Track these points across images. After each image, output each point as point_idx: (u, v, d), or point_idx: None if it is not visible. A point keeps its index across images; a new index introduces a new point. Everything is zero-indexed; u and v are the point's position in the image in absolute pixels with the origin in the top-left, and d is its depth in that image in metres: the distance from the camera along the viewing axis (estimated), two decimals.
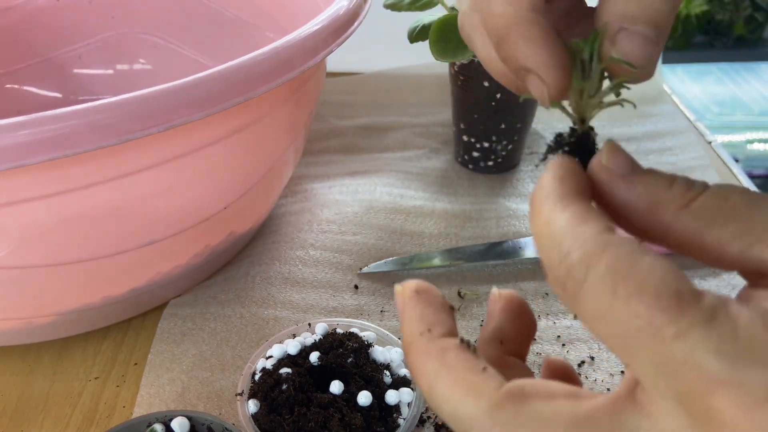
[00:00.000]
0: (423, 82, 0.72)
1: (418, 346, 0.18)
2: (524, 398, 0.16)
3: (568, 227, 0.16)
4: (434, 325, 0.19)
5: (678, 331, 0.14)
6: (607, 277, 0.15)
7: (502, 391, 0.17)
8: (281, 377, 0.34)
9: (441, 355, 0.18)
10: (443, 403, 0.17)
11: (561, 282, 0.16)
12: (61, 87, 0.62)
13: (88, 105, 0.27)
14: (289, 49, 0.34)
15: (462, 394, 0.17)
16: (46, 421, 0.37)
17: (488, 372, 0.17)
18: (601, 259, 0.15)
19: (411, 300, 0.20)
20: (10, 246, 0.32)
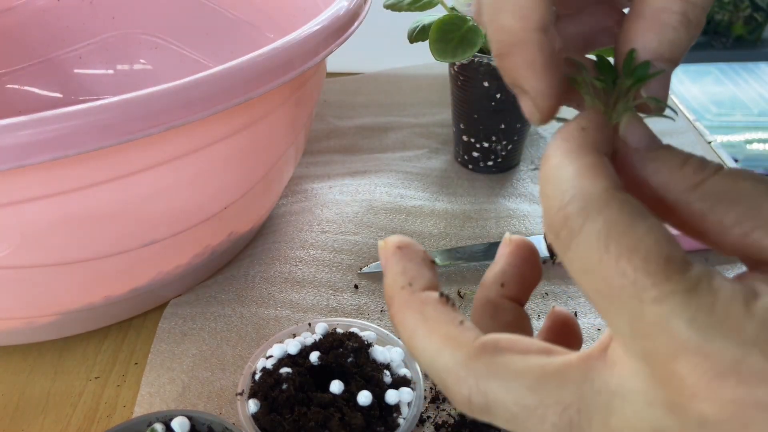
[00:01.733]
0: (423, 82, 0.72)
1: (399, 299, 0.19)
2: (498, 351, 0.17)
3: (576, 177, 0.16)
4: (415, 279, 0.19)
5: (658, 296, 0.15)
6: (602, 232, 0.15)
7: (477, 343, 0.17)
8: (281, 377, 0.34)
9: (421, 308, 0.18)
10: (422, 353, 0.18)
11: (555, 229, 0.17)
12: (62, 87, 0.63)
13: (89, 105, 0.27)
14: (289, 49, 0.34)
15: (439, 344, 0.18)
16: (46, 420, 0.37)
17: (465, 325, 0.18)
18: (600, 214, 0.16)
19: (393, 255, 0.20)
20: (12, 246, 0.32)
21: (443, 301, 0.19)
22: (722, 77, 0.71)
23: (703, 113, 0.65)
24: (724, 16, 0.78)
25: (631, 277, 0.15)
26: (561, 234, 0.16)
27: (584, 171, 0.16)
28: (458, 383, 0.17)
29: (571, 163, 0.17)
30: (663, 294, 0.15)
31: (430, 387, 0.38)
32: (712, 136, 0.60)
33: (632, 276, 0.15)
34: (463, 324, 0.18)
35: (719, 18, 0.78)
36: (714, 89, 0.69)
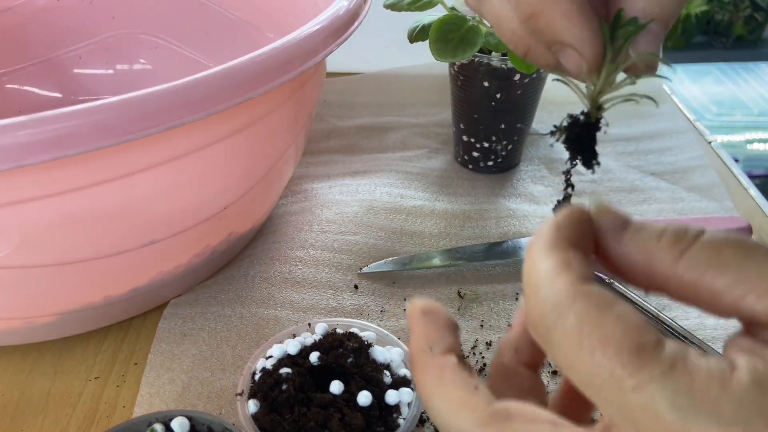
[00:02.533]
0: (423, 82, 0.72)
1: (420, 362, 0.20)
2: (508, 418, 0.18)
3: (548, 275, 0.17)
4: (436, 343, 0.20)
5: (637, 384, 0.15)
6: (575, 329, 0.16)
7: (489, 409, 0.18)
8: (281, 377, 0.34)
9: (439, 372, 0.19)
10: (438, 414, 0.19)
11: (535, 327, 0.18)
12: (62, 87, 0.63)
13: (89, 105, 0.27)
14: (289, 49, 0.34)
15: (454, 408, 0.18)
16: (46, 420, 0.37)
17: (479, 390, 0.19)
18: (570, 311, 0.16)
19: (418, 318, 0.21)
20: (11, 246, 0.32)
21: (461, 366, 0.20)
22: (722, 77, 0.71)
23: (703, 113, 0.65)
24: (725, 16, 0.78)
25: (608, 369, 0.16)
26: (540, 331, 0.17)
27: (555, 268, 0.17)
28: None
29: (543, 262, 0.18)
30: (641, 382, 0.15)
31: None
32: (712, 136, 0.60)
33: (609, 368, 0.16)
34: (477, 389, 0.19)
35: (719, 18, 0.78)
36: (714, 89, 0.69)
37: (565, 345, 0.17)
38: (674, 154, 0.60)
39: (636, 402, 0.15)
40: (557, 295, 0.17)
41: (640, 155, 0.60)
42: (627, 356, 0.15)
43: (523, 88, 0.51)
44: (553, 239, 0.18)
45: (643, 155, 0.60)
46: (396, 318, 0.43)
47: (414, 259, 0.47)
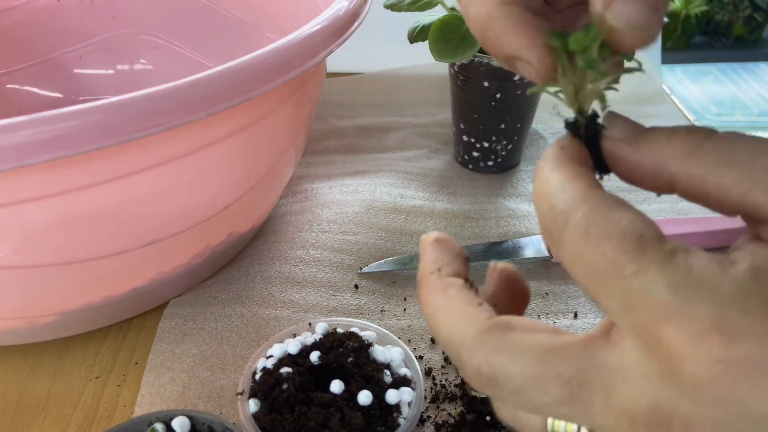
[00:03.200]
0: (423, 82, 0.72)
1: (427, 282, 0.21)
2: (509, 328, 0.19)
3: (560, 184, 0.18)
4: (444, 266, 0.21)
5: (637, 269, 0.16)
6: (582, 222, 0.17)
7: (491, 320, 0.19)
8: (282, 377, 0.34)
9: (444, 289, 0.20)
10: (441, 329, 0.20)
11: (549, 231, 0.18)
12: (62, 87, 0.63)
13: (89, 105, 0.27)
14: (289, 49, 0.34)
15: (457, 320, 0.19)
16: (46, 420, 0.37)
17: (483, 306, 0.20)
18: (580, 208, 0.17)
19: (429, 245, 0.22)
20: (12, 246, 0.32)
21: (467, 286, 0.21)
22: (722, 77, 0.71)
23: (703, 113, 0.65)
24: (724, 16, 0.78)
25: (611, 256, 0.16)
26: (553, 233, 0.18)
27: (566, 178, 0.18)
28: (470, 355, 0.19)
29: (555, 175, 0.18)
30: (641, 267, 0.16)
31: (431, 387, 0.38)
32: None
33: (612, 256, 0.16)
34: (481, 305, 0.20)
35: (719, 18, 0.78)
36: (714, 89, 0.69)
37: (573, 240, 0.17)
38: None
39: (634, 287, 0.16)
40: (569, 197, 0.18)
41: None
42: (630, 244, 0.16)
43: (523, 88, 0.51)
44: (562, 157, 0.19)
45: None
46: (396, 318, 0.43)
47: (414, 259, 0.47)
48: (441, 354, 0.40)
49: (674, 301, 0.15)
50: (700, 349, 0.15)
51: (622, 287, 0.16)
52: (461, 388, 0.38)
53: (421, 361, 0.40)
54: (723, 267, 0.16)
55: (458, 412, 0.36)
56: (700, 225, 0.47)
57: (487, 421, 0.35)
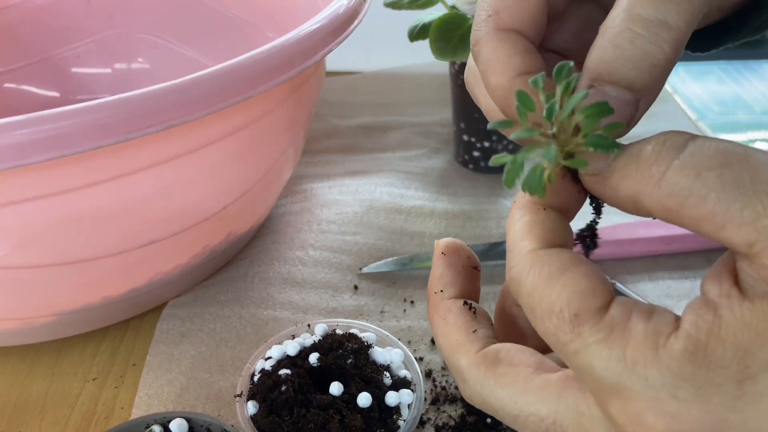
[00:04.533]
0: (423, 81, 0.72)
1: (432, 301, 0.22)
2: (495, 362, 0.20)
3: (515, 239, 0.19)
4: (447, 287, 0.22)
5: (576, 348, 0.17)
6: (529, 298, 0.18)
7: (480, 353, 0.20)
8: (280, 378, 0.33)
9: (445, 314, 0.22)
10: (441, 351, 0.22)
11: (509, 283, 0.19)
12: (60, 86, 0.62)
13: (87, 104, 0.27)
14: (288, 48, 0.33)
15: (452, 348, 0.21)
16: (44, 421, 0.37)
17: (477, 334, 0.21)
18: (527, 279, 0.18)
19: (437, 259, 0.23)
20: (9, 246, 0.32)
21: (465, 310, 0.22)
22: (725, 76, 0.71)
23: (705, 112, 0.65)
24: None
25: (554, 335, 0.17)
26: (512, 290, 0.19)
27: (520, 234, 0.19)
28: (463, 383, 0.20)
29: (515, 224, 0.19)
30: (579, 347, 0.17)
31: (431, 388, 0.38)
32: (714, 135, 0.60)
33: (554, 335, 0.17)
34: (475, 333, 0.21)
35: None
36: (716, 88, 0.69)
37: (526, 309, 0.18)
38: None
39: (579, 363, 0.17)
40: (518, 260, 0.18)
41: None
42: (567, 324, 0.17)
43: None
44: (523, 204, 0.19)
45: None
46: (396, 318, 0.43)
47: (414, 260, 0.47)
48: (441, 356, 0.40)
49: (612, 381, 0.16)
50: (639, 427, 0.16)
51: (570, 363, 0.17)
52: None
53: (421, 362, 0.40)
54: (657, 345, 0.16)
55: (459, 414, 0.36)
56: None
57: (487, 423, 0.35)
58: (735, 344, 0.15)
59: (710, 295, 0.16)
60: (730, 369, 0.15)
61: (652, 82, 0.18)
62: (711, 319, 0.16)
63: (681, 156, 0.16)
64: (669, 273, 0.45)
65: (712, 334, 0.15)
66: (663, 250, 0.46)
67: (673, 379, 0.15)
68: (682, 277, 0.45)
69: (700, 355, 0.15)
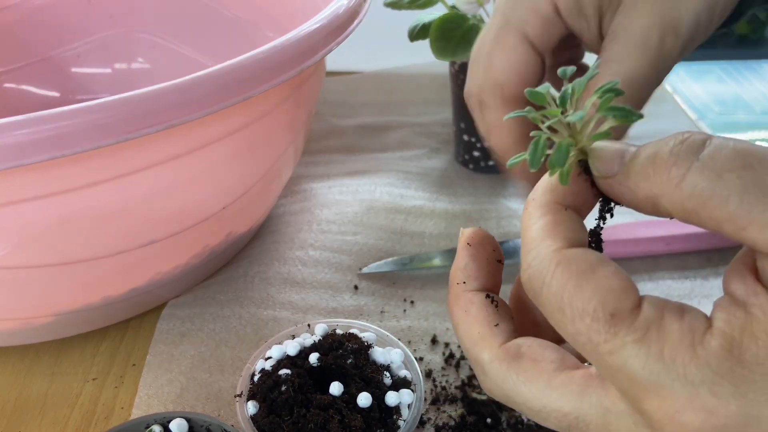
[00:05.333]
0: (423, 81, 0.72)
1: (453, 292, 0.22)
2: (517, 357, 0.20)
3: (536, 239, 0.19)
4: (470, 279, 0.22)
5: (612, 349, 0.17)
6: (556, 297, 0.18)
7: (502, 347, 0.20)
8: (280, 378, 0.33)
9: (467, 306, 0.22)
10: (461, 343, 0.22)
11: (525, 285, 0.19)
12: (60, 86, 0.62)
13: (87, 104, 0.27)
14: (288, 48, 0.33)
15: (473, 342, 0.21)
16: (44, 421, 0.37)
17: (499, 327, 0.21)
18: (553, 278, 0.18)
19: (462, 249, 0.23)
20: (9, 246, 0.32)
21: (487, 303, 0.21)
22: (725, 76, 0.71)
23: (705, 112, 0.65)
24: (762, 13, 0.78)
25: (586, 336, 0.17)
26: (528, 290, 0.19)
27: (542, 232, 0.19)
28: (484, 376, 0.20)
29: (534, 223, 0.19)
30: (615, 347, 0.17)
31: (431, 388, 0.38)
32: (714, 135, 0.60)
33: (586, 335, 0.17)
34: (498, 327, 0.21)
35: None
36: (716, 88, 0.69)
37: (551, 309, 0.18)
38: None
39: (613, 364, 0.17)
40: (541, 260, 0.18)
41: None
42: (603, 324, 0.17)
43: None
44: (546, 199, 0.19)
45: None
46: (396, 318, 0.43)
47: (414, 260, 0.46)
48: (441, 355, 0.40)
49: (650, 380, 0.16)
50: (677, 424, 0.16)
51: (601, 362, 0.17)
52: (462, 390, 0.38)
53: (421, 362, 0.40)
54: (694, 343, 0.16)
55: (459, 414, 0.36)
56: None
57: (487, 423, 0.35)
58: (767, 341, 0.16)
59: (737, 294, 0.17)
60: (765, 365, 0.15)
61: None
62: (743, 317, 0.16)
63: (701, 157, 0.17)
64: (669, 273, 0.45)
65: (746, 332, 0.16)
66: (663, 251, 0.46)
67: (711, 375, 0.16)
68: (682, 277, 0.45)
69: (736, 352, 0.16)
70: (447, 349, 0.40)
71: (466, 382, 0.38)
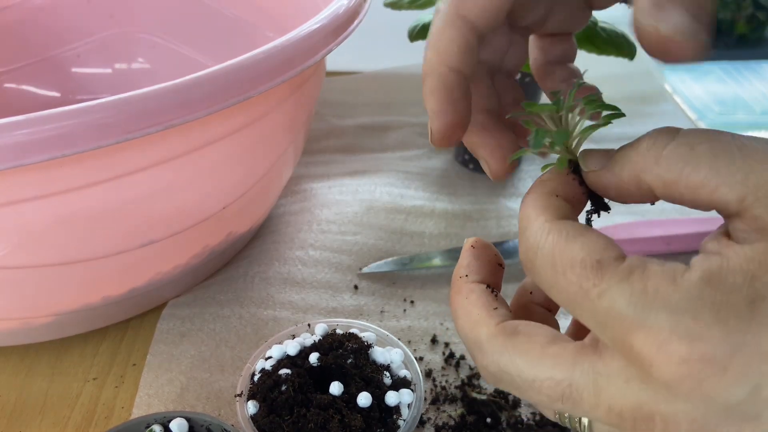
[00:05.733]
0: None
1: (456, 285, 0.23)
2: (514, 334, 0.21)
3: (530, 217, 0.20)
4: (472, 272, 0.24)
5: (600, 291, 0.18)
6: (549, 256, 0.19)
7: (499, 326, 0.21)
8: (281, 378, 0.33)
9: (467, 294, 0.23)
10: (460, 329, 0.22)
11: (523, 261, 0.21)
12: (60, 86, 0.62)
13: (87, 104, 0.27)
14: (288, 48, 0.33)
15: (473, 323, 0.22)
16: (44, 421, 0.37)
17: (497, 311, 0.22)
18: (546, 241, 0.19)
19: (465, 251, 0.24)
20: (9, 246, 0.32)
21: (487, 291, 0.23)
22: (724, 76, 0.71)
23: (705, 112, 0.65)
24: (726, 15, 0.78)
25: (576, 283, 0.18)
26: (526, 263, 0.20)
27: (535, 212, 0.20)
28: (481, 354, 0.21)
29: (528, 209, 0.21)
30: (602, 289, 0.18)
31: (431, 388, 0.38)
32: None
33: (577, 283, 0.18)
34: (496, 310, 0.22)
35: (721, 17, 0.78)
36: (716, 88, 0.69)
37: (544, 270, 0.19)
38: None
39: (601, 307, 0.18)
40: (536, 231, 0.20)
41: None
42: (590, 270, 0.18)
43: (524, 87, 0.51)
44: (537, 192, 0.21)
45: None
46: (396, 318, 0.43)
47: (414, 260, 0.47)
48: (441, 355, 0.40)
49: (635, 315, 0.17)
50: (665, 354, 0.17)
51: (592, 308, 0.18)
52: (461, 389, 0.38)
53: (421, 362, 0.40)
54: (675, 277, 0.17)
55: (458, 414, 0.36)
56: (703, 225, 0.47)
57: (487, 422, 0.35)
58: (743, 271, 0.17)
59: (711, 248, 0.18)
60: (743, 290, 0.17)
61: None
62: (719, 258, 0.17)
63: (676, 137, 0.19)
64: None
65: (722, 267, 0.17)
66: (663, 250, 0.46)
67: (693, 302, 0.17)
68: None
69: (715, 280, 0.17)
70: (447, 349, 0.40)
71: (466, 381, 0.38)
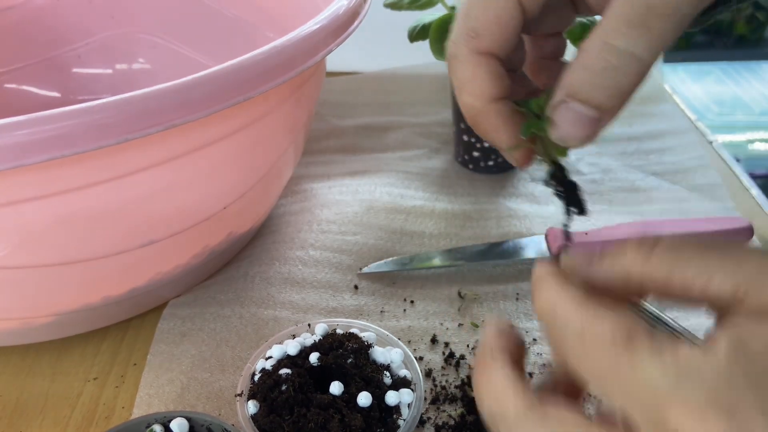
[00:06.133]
0: (423, 82, 0.72)
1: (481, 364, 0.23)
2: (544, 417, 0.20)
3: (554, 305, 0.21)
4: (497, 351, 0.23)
5: (632, 365, 0.18)
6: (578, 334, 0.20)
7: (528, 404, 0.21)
8: (281, 378, 0.33)
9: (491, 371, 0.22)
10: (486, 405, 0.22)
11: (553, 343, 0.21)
12: (61, 87, 0.62)
13: (87, 105, 0.27)
14: (288, 48, 0.34)
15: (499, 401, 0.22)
16: (45, 421, 0.37)
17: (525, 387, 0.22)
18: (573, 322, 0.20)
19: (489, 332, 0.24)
20: (9, 246, 0.32)
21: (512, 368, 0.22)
22: (724, 77, 0.71)
23: (704, 113, 0.65)
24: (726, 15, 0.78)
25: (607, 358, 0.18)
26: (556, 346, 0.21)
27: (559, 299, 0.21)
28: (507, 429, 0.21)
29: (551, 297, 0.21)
30: (635, 362, 0.18)
31: (431, 388, 0.38)
32: (713, 135, 0.60)
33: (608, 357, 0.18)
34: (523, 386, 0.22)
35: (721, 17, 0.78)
36: (715, 89, 0.69)
37: (574, 349, 0.20)
38: (675, 153, 0.60)
39: (634, 379, 0.18)
40: (562, 315, 0.20)
41: (641, 155, 0.60)
42: (621, 345, 0.18)
43: None
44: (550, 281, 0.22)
45: (644, 155, 0.60)
46: (396, 318, 0.43)
47: (414, 259, 0.47)
48: (441, 355, 0.40)
49: (671, 387, 0.17)
50: (704, 424, 0.17)
51: (624, 383, 0.18)
52: (461, 389, 0.38)
53: (421, 362, 0.40)
54: (705, 351, 0.17)
55: (458, 414, 0.36)
56: (702, 225, 0.47)
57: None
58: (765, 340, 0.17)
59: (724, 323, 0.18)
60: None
61: (618, 105, 0.22)
62: (738, 330, 0.18)
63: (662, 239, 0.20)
64: None
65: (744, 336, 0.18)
66: None
67: (725, 370, 0.17)
68: None
69: (741, 349, 0.17)
70: (447, 349, 0.40)
71: (465, 381, 0.38)
